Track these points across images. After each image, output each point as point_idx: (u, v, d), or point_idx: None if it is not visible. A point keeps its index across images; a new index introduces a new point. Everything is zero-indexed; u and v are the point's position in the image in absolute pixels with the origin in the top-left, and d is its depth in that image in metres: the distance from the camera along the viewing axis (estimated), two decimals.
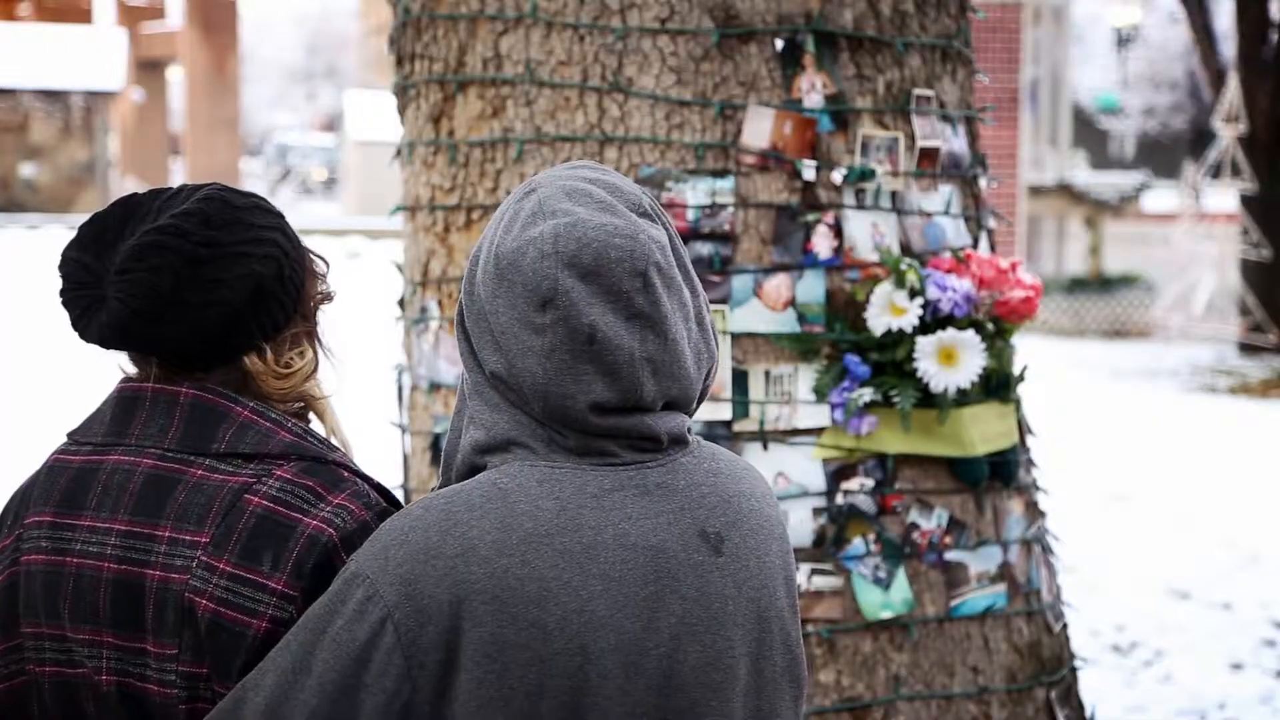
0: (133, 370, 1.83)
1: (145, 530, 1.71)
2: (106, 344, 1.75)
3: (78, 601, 1.72)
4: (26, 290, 15.95)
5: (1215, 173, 17.51)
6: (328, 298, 1.87)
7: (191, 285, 1.70)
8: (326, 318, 1.87)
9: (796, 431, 2.91)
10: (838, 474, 2.90)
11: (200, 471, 1.73)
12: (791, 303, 2.91)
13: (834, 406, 2.89)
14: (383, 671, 1.58)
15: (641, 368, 1.65)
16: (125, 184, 29.02)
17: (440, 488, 1.74)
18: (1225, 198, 18.78)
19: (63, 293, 1.76)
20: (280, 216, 1.81)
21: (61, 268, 1.76)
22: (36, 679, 1.76)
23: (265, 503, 1.70)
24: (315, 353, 1.84)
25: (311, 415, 1.87)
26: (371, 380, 4.60)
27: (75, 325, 1.75)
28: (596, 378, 1.64)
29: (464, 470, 1.72)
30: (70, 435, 1.84)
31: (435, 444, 3.12)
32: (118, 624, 1.71)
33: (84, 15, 30.95)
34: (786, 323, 2.91)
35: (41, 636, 1.76)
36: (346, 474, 1.76)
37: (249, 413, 1.76)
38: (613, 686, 1.62)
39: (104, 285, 1.72)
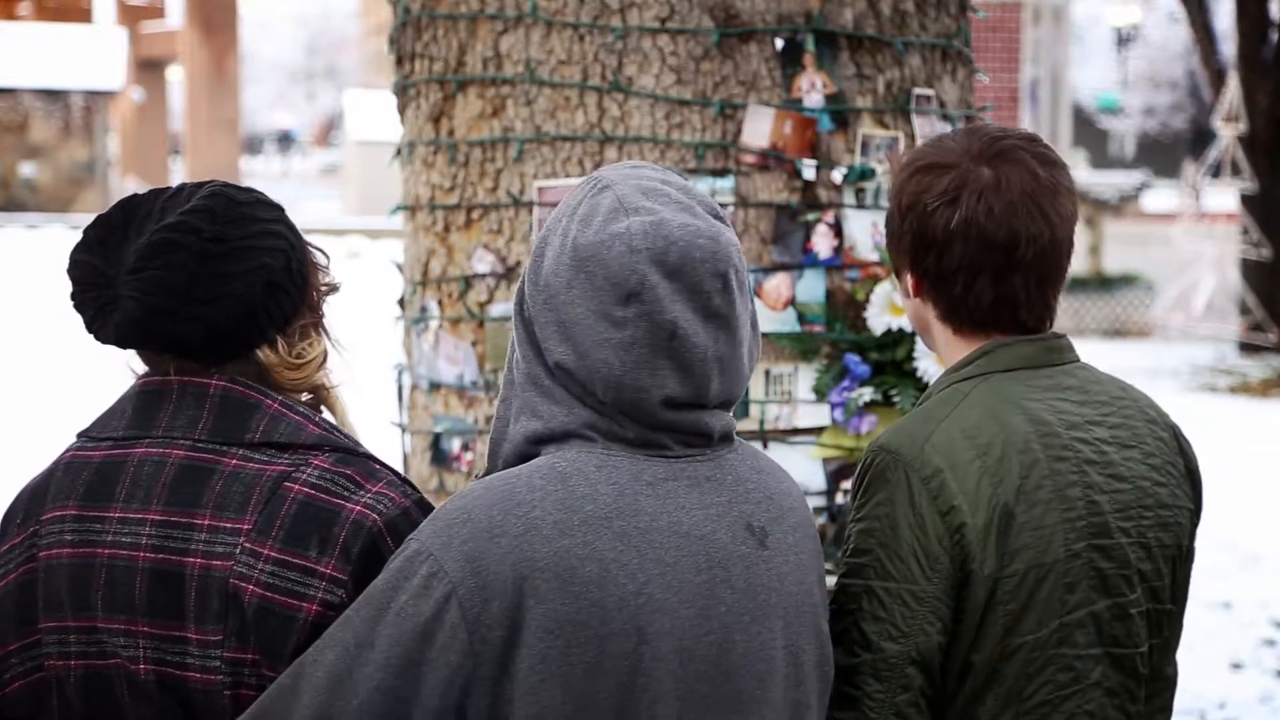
0: (142, 369, 1.84)
1: (183, 519, 1.72)
2: (124, 343, 1.77)
3: (112, 591, 1.72)
4: (26, 290, 15.95)
5: (1215, 172, 17.51)
6: (333, 289, 1.90)
7: (204, 280, 1.72)
8: (330, 311, 1.90)
9: (796, 431, 2.91)
10: (838, 474, 2.90)
11: (235, 461, 1.74)
12: (791, 302, 2.91)
13: (834, 406, 2.89)
14: (447, 646, 1.61)
15: (713, 366, 1.72)
16: (125, 184, 29.01)
17: (487, 474, 1.78)
18: (1225, 197, 18.77)
19: (74, 295, 1.77)
20: (281, 210, 1.84)
21: (70, 271, 1.78)
22: (59, 673, 1.76)
23: (306, 490, 1.73)
24: (324, 343, 1.87)
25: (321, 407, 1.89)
26: (371, 380, 4.60)
27: (90, 326, 1.76)
28: (671, 373, 1.70)
29: (513, 458, 1.75)
30: (84, 433, 1.84)
31: (435, 443, 3.12)
32: (155, 613, 1.71)
33: (84, 15, 30.94)
34: (786, 322, 2.91)
35: (66, 630, 1.75)
36: (378, 465, 1.80)
37: (278, 405, 1.78)
38: (665, 670, 1.66)
39: (116, 285, 1.73)
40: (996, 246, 1.91)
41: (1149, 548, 1.94)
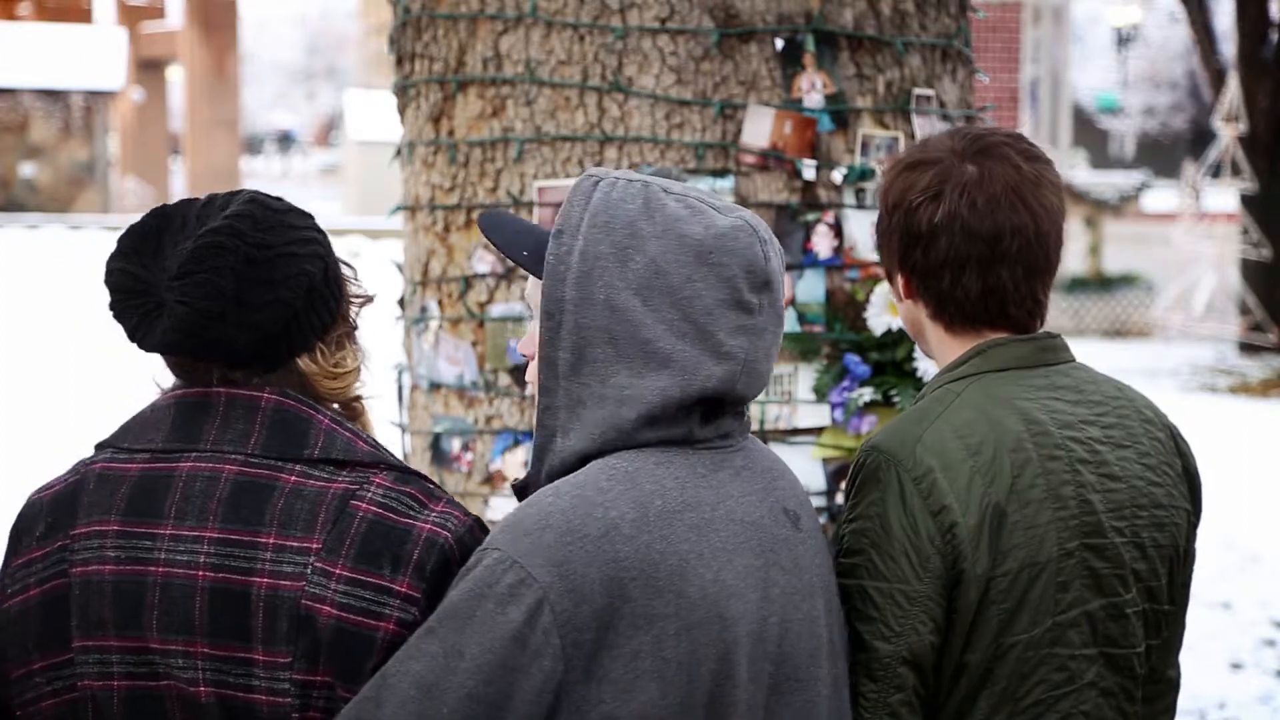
0: (169, 382, 1.81)
1: (245, 537, 1.69)
2: (171, 350, 1.74)
3: (168, 611, 1.68)
4: (26, 290, 15.95)
5: (1215, 172, 17.50)
6: (368, 299, 1.88)
7: (251, 285, 1.71)
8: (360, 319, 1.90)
9: (796, 431, 2.92)
10: (838, 474, 2.90)
11: (294, 478, 1.72)
12: (791, 302, 2.91)
13: (834, 406, 2.89)
14: (539, 652, 1.62)
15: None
16: (125, 184, 29.01)
17: (528, 481, 1.80)
18: (1225, 197, 18.77)
19: (114, 305, 1.75)
20: (313, 218, 1.83)
21: (109, 280, 1.76)
22: (97, 694, 1.71)
23: (374, 509, 1.71)
24: (361, 354, 1.87)
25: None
26: (371, 380, 4.60)
27: (134, 334, 1.74)
28: (773, 359, 1.80)
29: (559, 471, 1.76)
30: (108, 444, 1.80)
31: (435, 443, 3.12)
32: (217, 634, 1.67)
33: (84, 15, 30.94)
34: (786, 322, 2.91)
35: (107, 650, 1.71)
36: (433, 484, 1.80)
37: (330, 421, 1.77)
38: (742, 654, 1.70)
39: (159, 292, 1.71)
40: (981, 239, 1.92)
41: (1144, 547, 1.94)
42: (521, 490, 1.84)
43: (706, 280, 1.73)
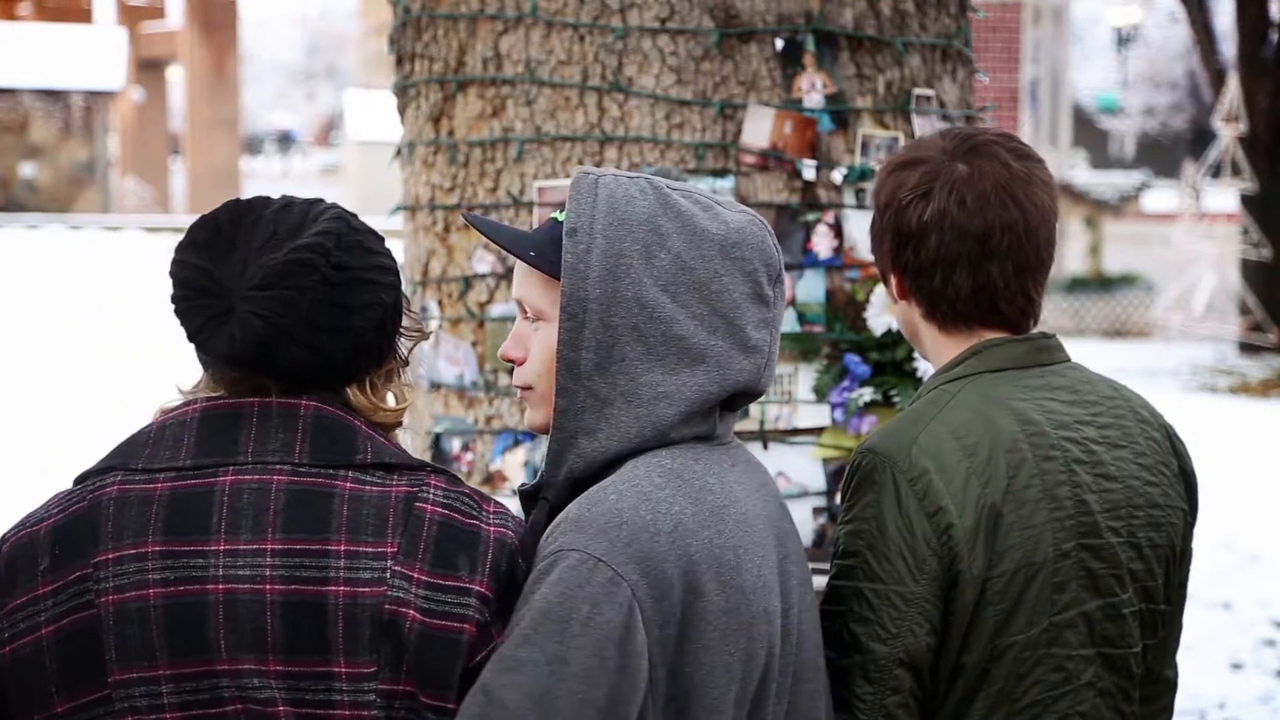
0: (189, 392, 1.75)
1: (313, 546, 1.62)
2: (237, 360, 1.67)
3: (235, 630, 1.60)
4: (26, 290, 15.95)
5: (1215, 173, 17.51)
6: (424, 335, 1.81)
7: (328, 309, 1.66)
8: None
9: (796, 431, 2.92)
10: (838, 474, 2.90)
11: (350, 484, 1.66)
12: (792, 302, 2.91)
13: (834, 406, 2.89)
14: (639, 650, 1.61)
15: None
16: (125, 184, 29.01)
17: (543, 483, 1.79)
18: (1225, 198, 18.77)
19: (181, 300, 1.68)
20: (384, 241, 1.77)
21: (177, 272, 1.68)
22: None
23: (440, 510, 1.67)
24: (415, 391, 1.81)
25: None
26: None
27: (196, 336, 1.67)
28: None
29: (584, 472, 1.75)
30: (113, 467, 1.70)
31: (436, 443, 3.12)
32: (293, 649, 1.60)
33: (84, 15, 30.93)
34: (786, 322, 2.91)
35: (156, 680, 1.61)
36: (472, 487, 1.76)
37: (367, 427, 1.71)
38: (778, 647, 1.73)
39: (232, 297, 1.65)
40: (970, 236, 1.93)
41: (1140, 547, 1.94)
42: (533, 494, 1.81)
43: (732, 274, 1.75)
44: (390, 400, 1.76)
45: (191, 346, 1.73)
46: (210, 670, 1.60)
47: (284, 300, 1.63)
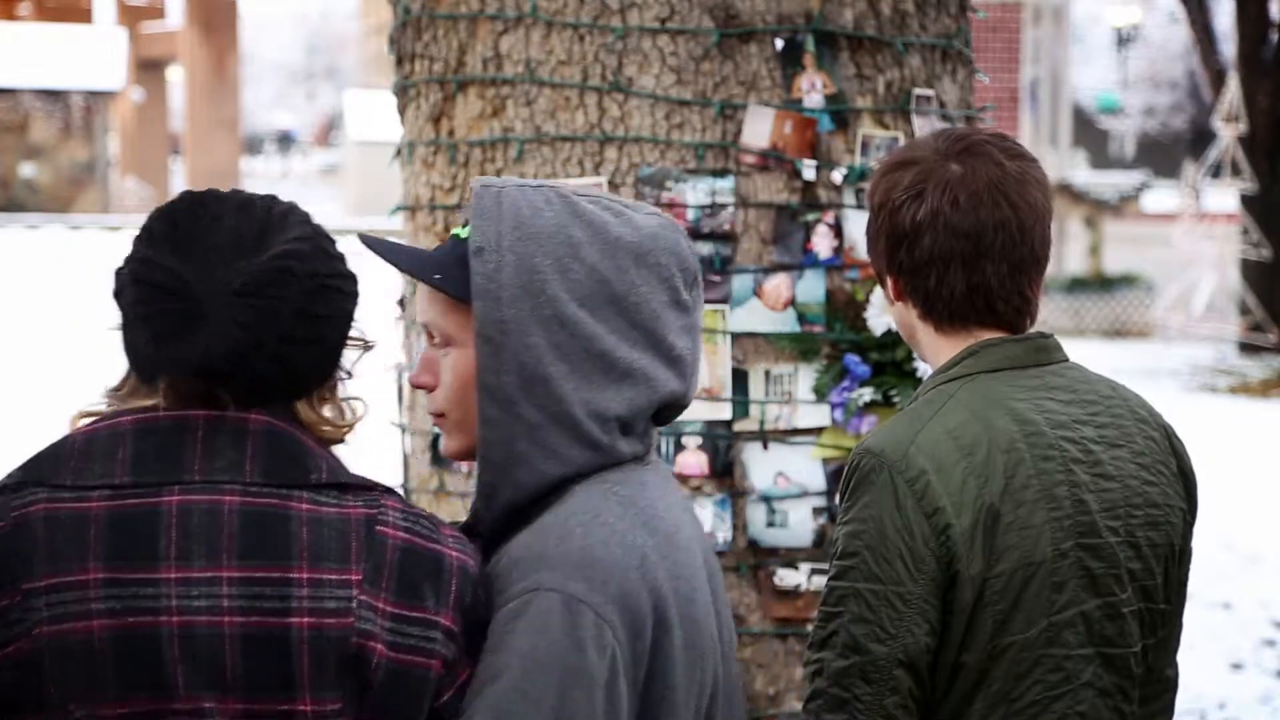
0: (108, 396, 1.61)
1: (273, 574, 1.51)
2: (207, 372, 1.53)
3: (194, 666, 1.48)
4: (26, 290, 15.96)
5: (1215, 173, 17.51)
6: (369, 346, 1.68)
7: (301, 320, 1.55)
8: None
9: (796, 431, 2.92)
10: (837, 474, 2.90)
11: (306, 505, 1.54)
12: (791, 302, 2.91)
13: (834, 406, 2.89)
14: (623, 693, 1.57)
15: None
16: (125, 184, 29.02)
17: (478, 518, 1.71)
18: (1225, 198, 18.78)
19: (141, 301, 1.54)
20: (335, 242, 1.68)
21: (142, 272, 1.55)
22: None
23: (401, 534, 1.57)
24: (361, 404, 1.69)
25: None
26: (371, 380, 4.59)
27: (157, 341, 1.53)
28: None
29: (525, 499, 1.67)
30: (35, 482, 1.55)
31: (435, 443, 3.12)
32: (254, 686, 1.49)
33: (84, 15, 30.95)
34: (786, 322, 2.91)
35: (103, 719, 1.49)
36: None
37: (314, 443, 1.60)
38: (720, 671, 1.71)
39: (203, 301, 1.52)
40: (964, 235, 1.93)
41: (1139, 547, 1.94)
42: (468, 530, 1.72)
43: (649, 283, 1.68)
44: (335, 414, 1.65)
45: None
46: (162, 710, 1.49)
47: (266, 310, 1.53)
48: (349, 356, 1.65)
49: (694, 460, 2.90)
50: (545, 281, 1.65)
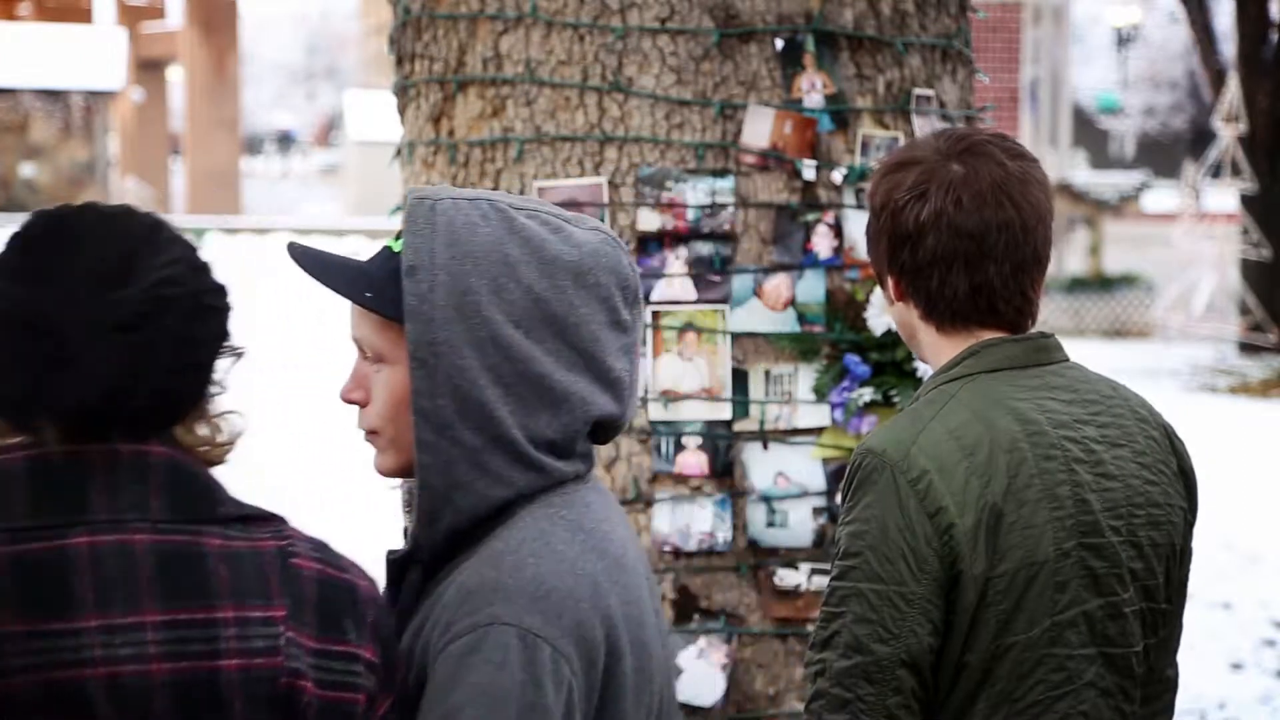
0: None
1: (197, 615, 1.44)
2: (81, 416, 1.43)
3: (123, 718, 1.41)
4: None
5: (1215, 173, 17.52)
6: (239, 354, 1.57)
7: (180, 346, 1.47)
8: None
9: (796, 431, 2.92)
10: (838, 474, 2.90)
11: (218, 541, 1.47)
12: (791, 302, 2.91)
13: (834, 406, 2.89)
14: None
15: None
16: (125, 184, 29.02)
17: (418, 545, 1.65)
18: (1225, 198, 18.78)
19: (2, 343, 1.43)
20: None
21: None
22: None
23: (314, 565, 1.52)
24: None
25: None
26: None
27: (22, 387, 1.42)
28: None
29: (466, 521, 1.63)
30: None
31: None
32: None
33: (84, 15, 30.95)
34: (786, 322, 2.91)
35: None
36: None
37: (208, 472, 1.53)
38: (666, 691, 1.69)
39: (69, 339, 1.42)
40: (968, 235, 1.93)
41: (1140, 546, 1.95)
42: (406, 559, 1.67)
43: (588, 304, 1.63)
44: (212, 433, 1.55)
45: None
46: None
47: (144, 345, 1.44)
48: (221, 368, 1.56)
49: (694, 460, 2.90)
50: (479, 303, 1.59)
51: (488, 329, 1.59)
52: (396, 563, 1.68)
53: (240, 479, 1.57)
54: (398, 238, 1.66)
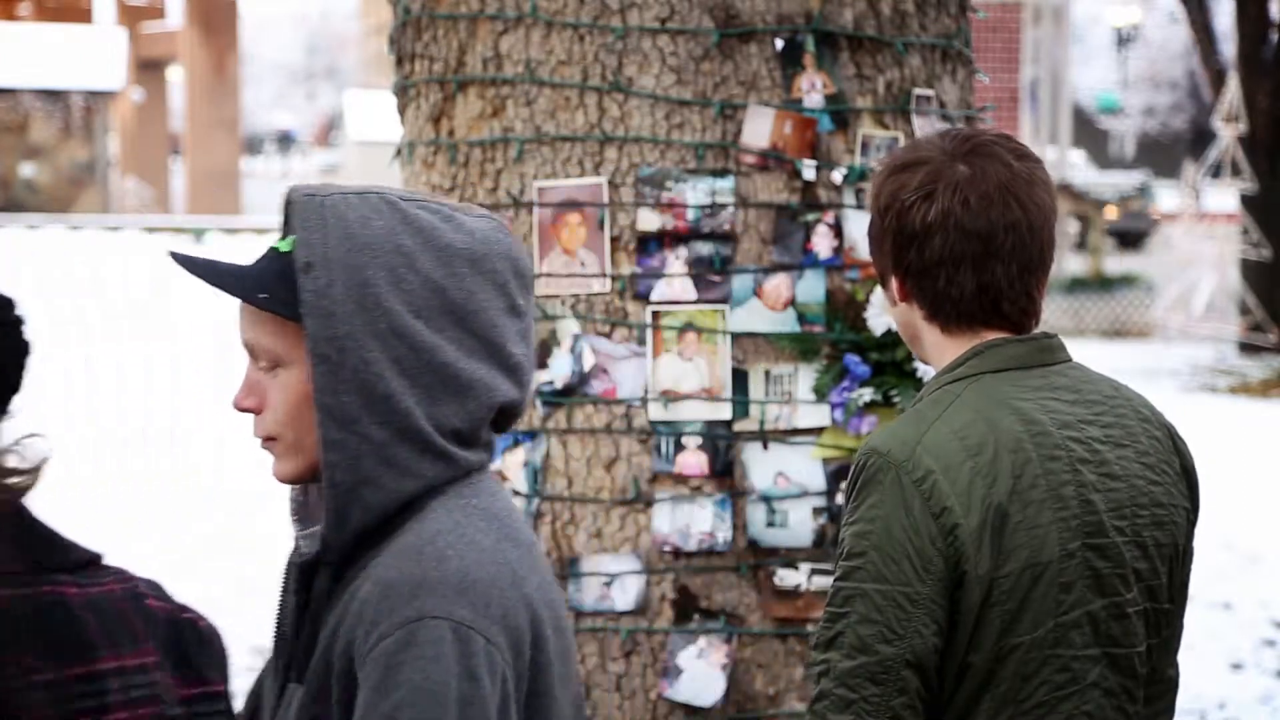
0: None
1: (79, 670, 1.39)
2: None
3: None
4: (26, 290, 15.92)
5: (1215, 173, 17.53)
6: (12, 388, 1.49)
7: None
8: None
9: (796, 431, 2.92)
10: (838, 474, 2.90)
11: (74, 589, 1.41)
12: (791, 302, 2.91)
13: (834, 406, 2.89)
14: (513, 717, 1.55)
15: None
16: (125, 184, 29.02)
17: (328, 545, 1.62)
18: (1225, 198, 18.78)
19: None
20: None
21: None
22: None
23: (163, 606, 1.48)
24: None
25: None
26: None
27: None
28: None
29: (376, 517, 1.61)
30: None
31: None
32: None
33: (84, 15, 30.94)
34: (786, 322, 2.91)
35: None
36: None
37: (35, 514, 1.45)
38: (576, 669, 1.72)
39: None
40: (975, 236, 1.93)
41: (1145, 546, 1.94)
42: (315, 562, 1.64)
43: (485, 291, 1.62)
44: (17, 462, 1.46)
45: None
46: None
47: None
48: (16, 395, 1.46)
49: (694, 460, 2.90)
50: (379, 294, 1.58)
51: (389, 320, 1.58)
52: (302, 567, 1.65)
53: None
54: (283, 238, 1.64)
